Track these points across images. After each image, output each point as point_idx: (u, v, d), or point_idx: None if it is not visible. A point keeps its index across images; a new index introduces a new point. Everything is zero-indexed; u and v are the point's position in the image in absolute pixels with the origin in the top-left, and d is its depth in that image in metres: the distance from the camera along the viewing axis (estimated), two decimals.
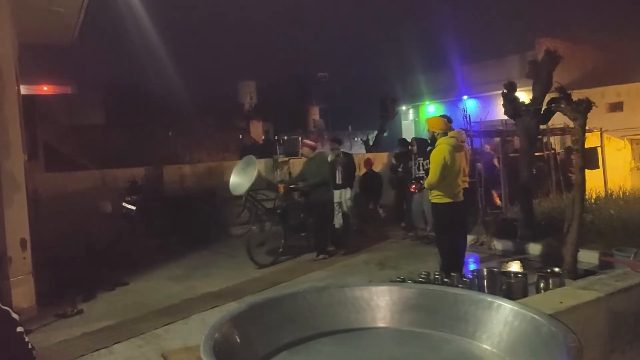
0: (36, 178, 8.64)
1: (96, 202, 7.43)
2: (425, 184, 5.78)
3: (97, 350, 4.42)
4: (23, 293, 5.17)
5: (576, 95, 6.14)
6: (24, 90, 8.28)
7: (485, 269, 4.46)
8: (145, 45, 18.93)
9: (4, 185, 5.40)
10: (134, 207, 6.11)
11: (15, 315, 1.05)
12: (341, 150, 9.10)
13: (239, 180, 7.46)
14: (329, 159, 8.63)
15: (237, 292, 5.99)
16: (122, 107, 16.97)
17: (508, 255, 7.03)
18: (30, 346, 1.09)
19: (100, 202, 7.39)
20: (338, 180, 8.59)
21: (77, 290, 5.22)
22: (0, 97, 5.43)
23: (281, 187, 7.56)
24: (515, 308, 1.35)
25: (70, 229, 6.32)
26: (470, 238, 7.20)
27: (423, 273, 4.59)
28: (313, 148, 7.75)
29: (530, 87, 7.62)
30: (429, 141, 6.18)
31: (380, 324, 1.52)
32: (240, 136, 19.93)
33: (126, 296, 5.61)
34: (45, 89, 17.01)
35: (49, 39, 8.26)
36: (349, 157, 9.18)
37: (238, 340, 1.26)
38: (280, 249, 7.55)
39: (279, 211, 7.62)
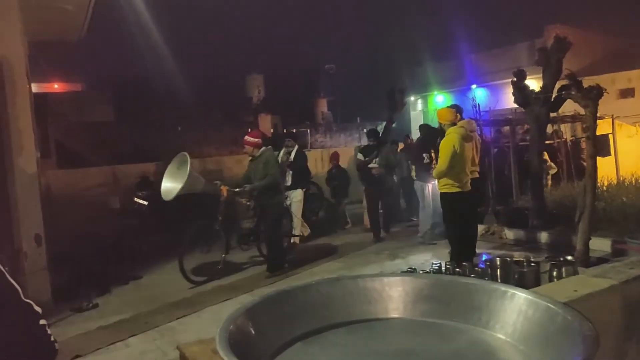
0: (48, 175, 8.74)
1: (107, 198, 7.50)
2: (434, 172, 5.77)
3: (113, 343, 4.49)
4: (38, 288, 5.25)
5: (587, 82, 6.08)
6: (35, 88, 8.35)
7: (498, 258, 4.44)
8: (153, 41, 18.97)
9: (17, 182, 5.47)
10: (146, 202, 6.16)
11: (37, 308, 1.07)
12: (295, 147, 8.23)
13: (170, 183, 6.22)
14: (280, 155, 7.95)
15: (249, 285, 6.03)
16: (132, 104, 17.03)
17: (519, 245, 7.01)
18: (52, 339, 1.10)
19: (109, 197, 7.44)
20: (288, 182, 7.89)
21: (92, 284, 5.28)
22: (12, 95, 5.48)
23: (224, 190, 6.44)
24: (529, 297, 1.34)
25: (83, 225, 6.40)
26: (481, 227, 7.18)
27: (434, 263, 4.58)
28: (258, 145, 6.61)
29: (540, 75, 7.54)
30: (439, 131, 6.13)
31: (393, 315, 1.51)
32: (249, 130, 19.93)
33: (140, 290, 5.68)
34: (56, 86, 17.14)
35: (58, 37, 8.31)
36: (301, 155, 8.29)
37: (252, 331, 1.26)
38: (220, 266, 6.52)
39: (220, 218, 6.43)
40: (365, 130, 16.29)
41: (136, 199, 7.48)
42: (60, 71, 16.63)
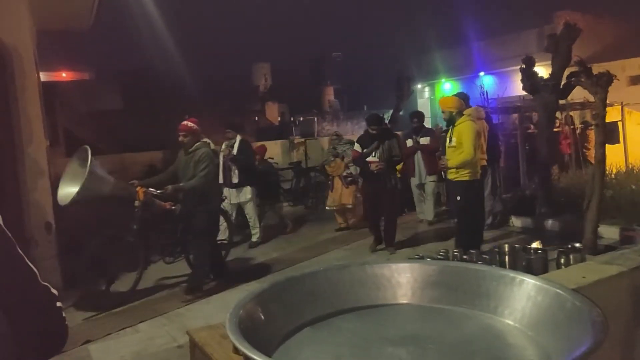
0: (58, 163, 8.78)
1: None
2: (458, 161, 5.41)
3: (123, 329, 4.54)
4: (49, 275, 5.31)
5: (596, 68, 6.00)
6: (43, 77, 8.37)
7: (506, 245, 4.43)
8: (161, 30, 18.94)
9: (28, 171, 5.52)
10: (154, 191, 6.07)
11: (54, 291, 1.08)
12: (237, 139, 7.14)
13: (69, 186, 5.02)
14: (222, 148, 7.10)
15: (256, 272, 6.07)
16: (139, 92, 17.06)
17: (527, 233, 6.99)
18: (66, 322, 1.12)
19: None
20: (233, 178, 7.06)
21: (102, 271, 5.32)
22: (22, 85, 5.51)
23: (140, 192, 5.23)
24: (538, 283, 1.33)
25: (92, 212, 6.43)
26: (488, 215, 7.15)
27: (442, 251, 4.58)
28: (192, 133, 5.44)
29: (549, 62, 7.46)
30: (445, 120, 5.98)
31: (402, 301, 1.52)
32: (256, 118, 19.93)
33: (148, 277, 5.71)
34: (64, 75, 17.16)
35: (65, 25, 8.30)
36: (246, 147, 7.22)
37: (262, 317, 1.27)
38: (132, 286, 5.34)
39: (135, 227, 5.24)
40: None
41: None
42: (68, 60, 16.64)
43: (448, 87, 20.62)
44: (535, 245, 4.70)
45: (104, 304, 5.09)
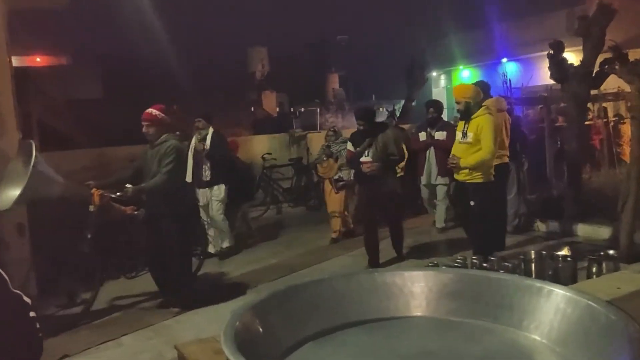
0: None
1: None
2: (474, 161, 5.32)
3: (104, 342, 4.55)
4: (21, 281, 5.31)
5: (632, 55, 5.99)
6: (15, 62, 8.38)
7: (532, 252, 4.43)
8: (146, 9, 18.92)
9: None
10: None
11: (27, 299, 1.08)
12: (210, 131, 6.95)
13: (11, 188, 4.63)
14: (192, 143, 6.87)
15: (251, 281, 6.08)
16: (122, 80, 17.11)
17: (553, 238, 6.98)
18: (40, 334, 1.12)
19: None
20: (205, 176, 6.87)
21: (80, 278, 5.33)
22: None
23: (95, 194, 4.86)
24: (568, 294, 1.33)
25: (69, 213, 6.44)
26: (510, 218, 7.15)
27: (459, 257, 4.58)
28: (157, 124, 5.15)
29: (580, 47, 7.43)
30: (459, 112, 5.82)
31: (415, 313, 1.52)
32: (252, 109, 19.95)
33: (132, 285, 5.73)
34: (39, 60, 17.20)
35: (41, 4, 8.31)
36: (219, 140, 7.01)
37: (260, 330, 1.28)
38: (84, 308, 5.05)
39: (89, 236, 4.94)
40: (387, 110, 15.79)
41: (127, 185, 7.48)
42: (43, 43, 16.66)
43: (466, 74, 20.57)
44: (564, 251, 4.69)
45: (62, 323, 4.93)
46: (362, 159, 5.98)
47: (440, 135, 7.50)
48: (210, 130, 6.96)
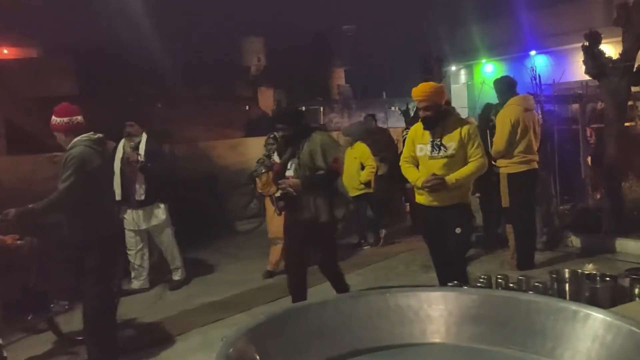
0: None
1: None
2: (466, 172, 4.82)
3: None
4: None
5: None
6: None
7: (566, 270, 4.41)
8: None
9: None
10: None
11: None
12: (143, 137, 6.40)
13: None
14: (120, 149, 6.31)
15: (245, 302, 6.07)
16: (100, 74, 17.19)
17: (590, 255, 6.96)
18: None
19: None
20: (139, 194, 6.29)
21: (52, 299, 5.33)
22: None
23: None
24: (608, 318, 1.33)
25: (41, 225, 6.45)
26: (539, 233, 7.14)
27: (482, 276, 4.56)
28: (66, 130, 4.63)
29: (620, 38, 7.45)
30: (425, 120, 4.96)
31: (433, 339, 1.52)
32: (247, 107, 20.03)
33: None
34: (6, 52, 17.34)
35: None
36: (155, 148, 6.49)
37: (257, 357, 1.27)
38: None
39: None
40: (400, 109, 15.74)
41: None
42: (10, 34, 16.80)
43: (490, 69, 20.65)
44: (602, 270, 4.67)
45: None
46: (288, 174, 5.17)
47: None
48: (144, 136, 6.42)
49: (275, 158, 5.53)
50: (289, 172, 5.12)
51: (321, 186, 5.10)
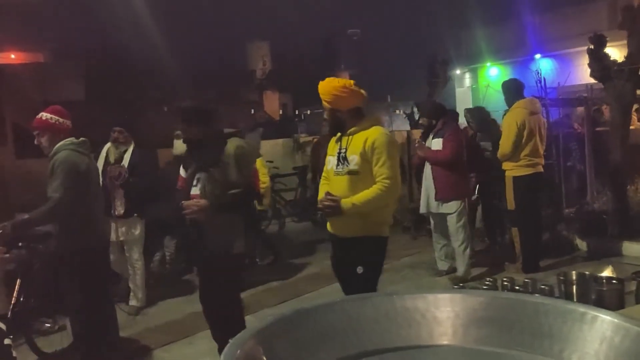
0: (5, 166, 8.89)
1: None
2: (366, 197, 3.68)
3: None
4: None
5: None
6: None
7: (573, 272, 4.40)
8: (133, 2, 19.13)
9: None
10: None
11: (1, 325, 1.09)
12: (130, 145, 5.99)
13: None
14: (102, 155, 5.90)
15: (251, 305, 6.06)
16: (107, 79, 17.25)
17: (596, 258, 6.94)
18: None
19: None
20: (116, 209, 5.76)
21: (59, 301, 5.33)
22: None
23: None
24: (616, 320, 1.32)
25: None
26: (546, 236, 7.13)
27: (488, 279, 4.57)
28: (55, 130, 4.37)
29: (625, 42, 7.44)
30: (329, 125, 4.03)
31: (440, 342, 1.51)
32: (252, 111, 20.07)
33: (117, 310, 5.71)
34: (13, 57, 17.43)
35: None
36: (143, 159, 6.11)
37: (264, 359, 1.27)
38: None
39: None
40: (404, 113, 15.69)
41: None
42: (18, 39, 16.87)
43: (495, 72, 20.60)
44: (608, 273, 4.65)
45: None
46: (193, 192, 4.09)
47: (437, 144, 6.40)
48: (132, 146, 5.94)
49: (181, 172, 4.36)
50: (194, 191, 4.05)
51: (234, 208, 4.05)
